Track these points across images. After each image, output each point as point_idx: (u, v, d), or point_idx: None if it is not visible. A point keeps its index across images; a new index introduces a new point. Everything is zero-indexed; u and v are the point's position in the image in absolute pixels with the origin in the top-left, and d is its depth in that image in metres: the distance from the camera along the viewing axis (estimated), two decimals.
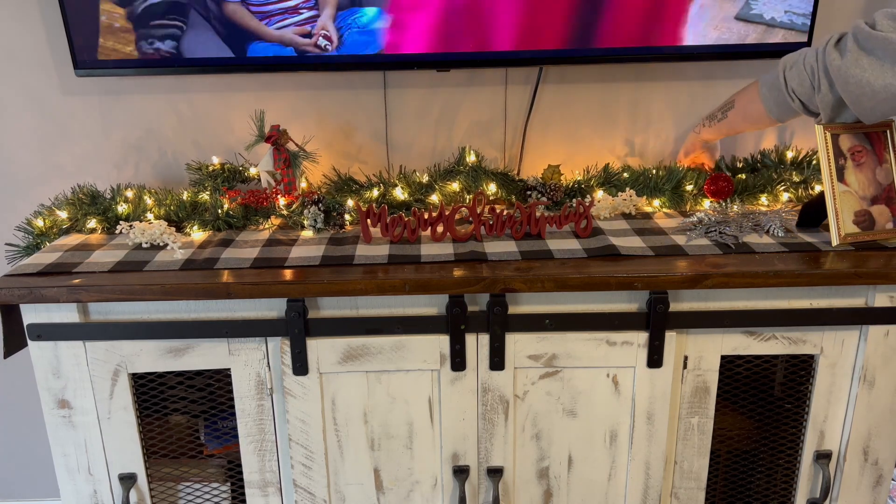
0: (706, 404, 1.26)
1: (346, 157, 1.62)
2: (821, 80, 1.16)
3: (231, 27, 1.41)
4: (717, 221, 1.30)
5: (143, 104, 1.57)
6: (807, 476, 1.32)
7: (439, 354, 1.21)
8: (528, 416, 1.26)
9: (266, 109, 1.57)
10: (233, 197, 1.40)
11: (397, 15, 1.41)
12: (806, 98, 1.20)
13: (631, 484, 1.30)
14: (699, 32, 1.43)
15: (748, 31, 1.44)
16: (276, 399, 1.25)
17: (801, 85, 1.20)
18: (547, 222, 1.30)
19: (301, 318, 1.18)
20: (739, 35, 1.44)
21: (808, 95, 1.20)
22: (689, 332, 1.22)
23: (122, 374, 1.23)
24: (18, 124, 1.57)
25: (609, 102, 1.60)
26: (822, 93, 1.17)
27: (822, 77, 1.16)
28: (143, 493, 1.30)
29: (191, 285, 1.14)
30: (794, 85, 1.21)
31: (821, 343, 1.23)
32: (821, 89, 1.17)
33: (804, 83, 1.19)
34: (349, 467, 1.29)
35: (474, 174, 1.46)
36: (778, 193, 1.45)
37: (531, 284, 1.14)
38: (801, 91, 1.20)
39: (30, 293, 1.13)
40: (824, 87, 1.16)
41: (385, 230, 1.28)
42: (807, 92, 1.19)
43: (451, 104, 1.59)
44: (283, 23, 1.41)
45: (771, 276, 1.14)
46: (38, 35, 1.51)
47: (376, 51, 1.43)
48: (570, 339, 1.21)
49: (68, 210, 1.41)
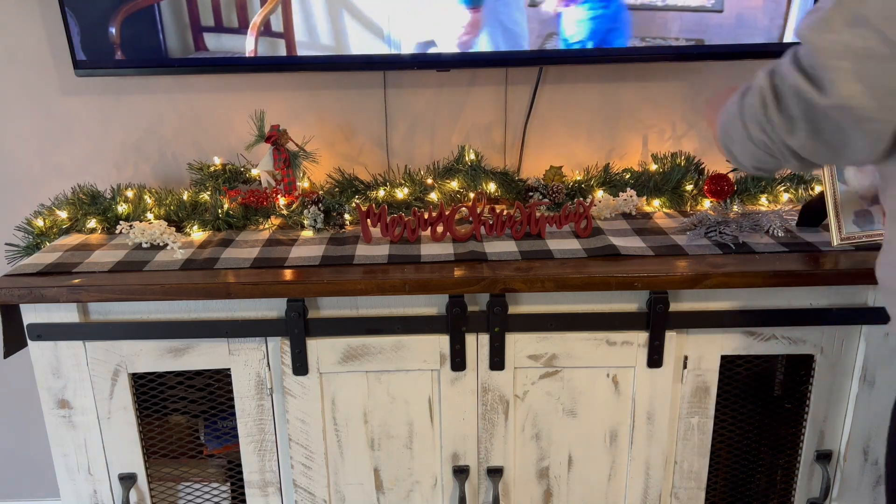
0: (706, 404, 1.26)
1: (346, 157, 1.62)
2: (787, 158, 0.88)
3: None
4: (717, 221, 1.30)
5: (143, 104, 1.57)
6: (807, 476, 1.32)
7: (439, 354, 1.21)
8: (528, 416, 1.26)
9: (266, 109, 1.57)
10: (233, 197, 1.40)
11: None
12: (778, 167, 0.93)
13: (631, 484, 1.30)
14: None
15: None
16: (276, 399, 1.25)
17: (763, 163, 0.93)
18: (547, 222, 1.31)
19: (301, 317, 1.18)
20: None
21: (778, 166, 0.93)
22: (689, 331, 1.22)
23: (121, 374, 1.23)
24: (18, 124, 1.57)
25: (609, 102, 1.60)
26: (795, 166, 0.89)
27: (786, 155, 0.87)
28: (142, 493, 1.30)
29: (191, 285, 1.14)
30: (754, 163, 0.94)
31: (821, 343, 1.23)
32: (793, 163, 0.88)
33: (766, 162, 0.92)
34: (349, 467, 1.29)
35: (473, 173, 1.46)
36: (778, 194, 1.45)
37: (531, 284, 1.14)
38: (771, 165, 0.93)
39: (30, 293, 1.13)
40: (795, 163, 0.88)
41: (385, 230, 1.28)
42: (777, 165, 0.92)
43: (452, 104, 1.59)
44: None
45: (771, 276, 1.14)
46: (38, 35, 1.51)
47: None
48: (570, 339, 1.21)
49: (68, 210, 1.41)
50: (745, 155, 0.92)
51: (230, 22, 1.41)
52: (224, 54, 1.43)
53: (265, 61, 1.44)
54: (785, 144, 0.85)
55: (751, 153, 0.91)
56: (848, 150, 0.80)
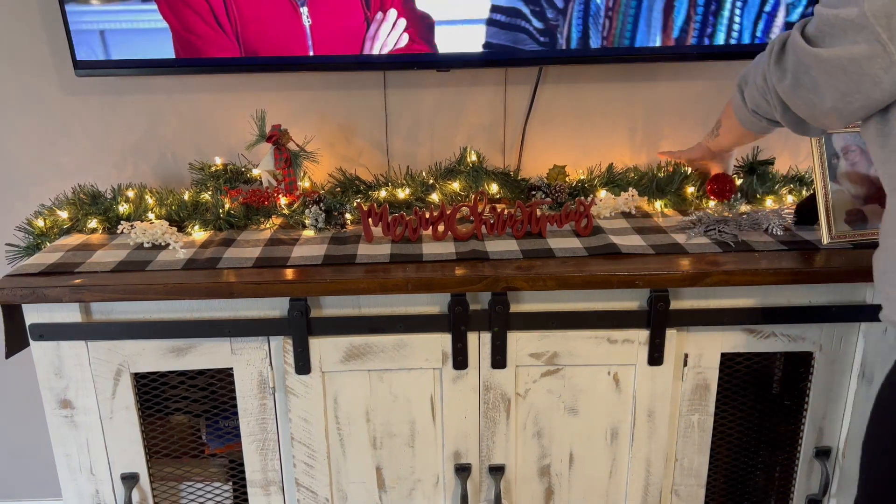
0: (706, 402, 1.27)
1: (346, 157, 1.62)
2: (775, 104, 1.07)
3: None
4: (717, 220, 1.31)
5: (143, 104, 1.57)
6: (806, 472, 1.33)
7: (441, 353, 1.22)
8: (529, 413, 1.27)
9: (266, 109, 1.57)
10: (234, 196, 1.41)
11: None
12: (771, 116, 1.12)
13: (632, 481, 1.30)
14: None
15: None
16: (279, 398, 1.25)
17: (759, 107, 1.12)
18: (547, 221, 1.31)
19: (303, 317, 1.18)
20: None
21: (771, 114, 1.11)
22: (689, 329, 1.22)
23: (124, 373, 1.23)
24: (18, 124, 1.57)
25: (609, 102, 1.61)
26: (780, 114, 1.07)
27: (774, 101, 1.06)
28: (145, 492, 1.30)
29: (194, 285, 1.15)
30: (754, 106, 1.13)
31: (819, 340, 1.24)
32: (778, 110, 1.07)
33: (761, 106, 1.11)
34: (351, 466, 1.29)
35: (475, 174, 1.46)
36: (782, 196, 1.46)
37: (533, 283, 1.15)
38: (764, 110, 1.12)
39: (32, 293, 1.13)
40: (780, 110, 1.07)
41: (387, 229, 1.29)
42: (769, 111, 1.11)
43: (451, 104, 1.60)
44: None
45: (770, 273, 1.15)
46: (38, 35, 1.51)
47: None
48: (572, 337, 1.22)
49: (69, 210, 1.41)
50: (750, 96, 1.13)
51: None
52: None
53: (265, 61, 1.44)
54: (775, 90, 1.04)
55: (752, 96, 1.12)
56: (819, 108, 0.97)
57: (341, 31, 1.42)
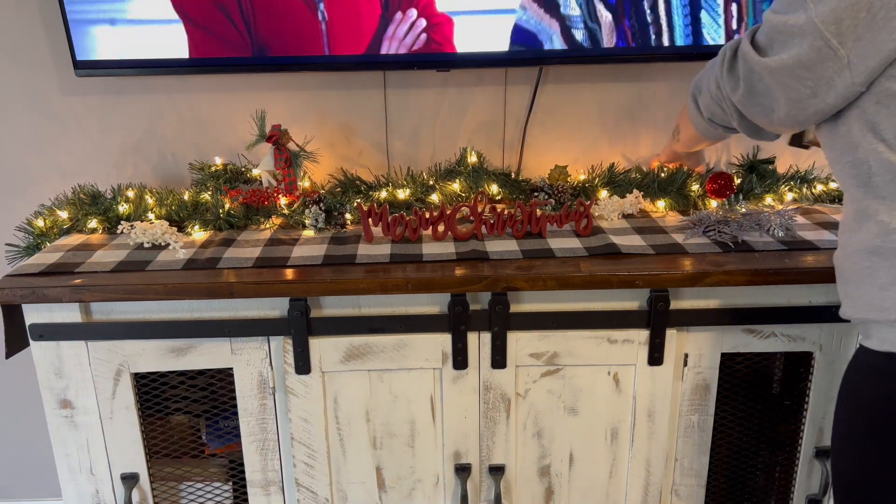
0: (706, 402, 1.27)
1: (346, 157, 1.62)
2: (731, 112, 1.06)
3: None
4: (717, 220, 1.31)
5: (143, 104, 1.57)
6: (806, 472, 1.33)
7: (441, 353, 1.22)
8: (529, 414, 1.27)
9: (266, 109, 1.57)
10: (234, 196, 1.41)
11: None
12: (727, 123, 1.12)
13: (632, 481, 1.30)
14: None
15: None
16: (279, 398, 1.25)
17: (715, 115, 1.12)
18: (548, 221, 1.31)
19: (304, 317, 1.18)
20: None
21: (727, 122, 1.11)
22: (689, 329, 1.22)
23: (124, 373, 1.23)
24: (18, 124, 1.57)
25: (609, 103, 1.61)
26: (736, 121, 1.07)
27: (730, 110, 1.06)
28: (145, 492, 1.30)
29: (194, 285, 1.15)
30: (709, 115, 1.13)
31: (819, 340, 1.24)
32: (735, 118, 1.07)
33: (717, 114, 1.11)
34: (351, 466, 1.29)
35: (475, 175, 1.46)
36: (783, 193, 1.46)
37: (533, 283, 1.15)
38: (720, 118, 1.12)
39: (32, 293, 1.13)
40: (736, 118, 1.06)
41: (387, 229, 1.29)
42: (725, 119, 1.10)
43: (452, 104, 1.60)
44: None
45: (770, 273, 1.15)
46: (38, 35, 1.51)
47: None
48: (572, 337, 1.22)
49: (69, 210, 1.41)
50: (704, 105, 1.13)
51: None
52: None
53: (265, 61, 1.44)
54: (729, 99, 1.04)
55: (706, 105, 1.12)
56: (774, 115, 0.98)
57: (355, 31, 1.41)
